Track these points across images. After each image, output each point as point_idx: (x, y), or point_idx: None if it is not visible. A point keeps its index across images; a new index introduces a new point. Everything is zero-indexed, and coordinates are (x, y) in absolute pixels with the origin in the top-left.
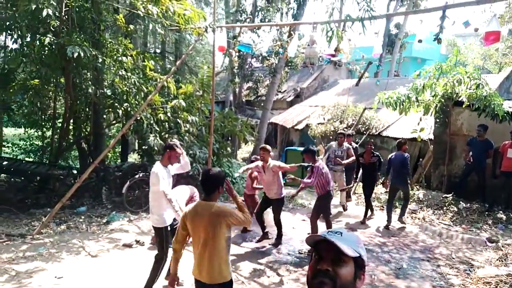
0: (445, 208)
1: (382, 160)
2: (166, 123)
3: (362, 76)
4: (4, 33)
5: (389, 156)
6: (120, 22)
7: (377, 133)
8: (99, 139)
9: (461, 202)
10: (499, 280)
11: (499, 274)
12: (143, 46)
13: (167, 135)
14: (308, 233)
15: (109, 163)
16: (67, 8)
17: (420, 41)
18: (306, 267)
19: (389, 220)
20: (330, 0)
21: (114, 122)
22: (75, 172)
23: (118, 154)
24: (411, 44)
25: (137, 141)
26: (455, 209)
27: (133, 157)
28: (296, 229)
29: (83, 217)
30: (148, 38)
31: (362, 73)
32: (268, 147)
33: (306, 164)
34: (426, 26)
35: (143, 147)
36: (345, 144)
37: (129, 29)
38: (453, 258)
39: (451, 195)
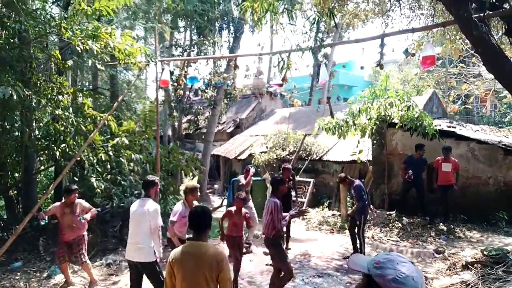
0: (390, 225)
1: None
2: (108, 163)
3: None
4: None
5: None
6: (56, 59)
7: (318, 158)
8: (29, 185)
9: (404, 218)
10: None
11: (453, 283)
12: (73, 82)
13: (109, 176)
14: (268, 264)
15: (42, 211)
16: None
17: (362, 67)
18: None
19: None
20: (264, 34)
21: (45, 167)
22: (3, 224)
23: (50, 200)
24: (338, 72)
25: (74, 185)
26: (400, 225)
27: None
28: (254, 261)
29: (19, 273)
30: (77, 74)
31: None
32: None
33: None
34: (351, 54)
35: (81, 190)
36: None
37: (66, 65)
38: None
39: (394, 212)
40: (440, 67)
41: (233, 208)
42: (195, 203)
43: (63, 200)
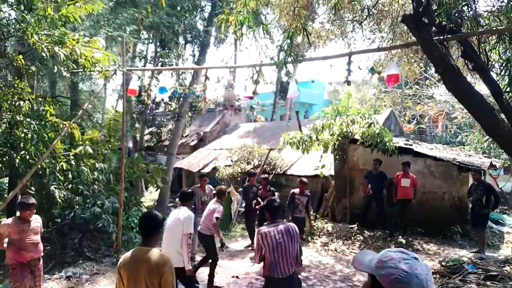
0: (352, 238)
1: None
2: (69, 172)
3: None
4: None
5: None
6: (20, 64)
7: (282, 172)
8: None
9: (365, 231)
10: None
11: None
12: (31, 89)
13: (70, 185)
14: (234, 276)
15: None
16: None
17: (330, 83)
18: None
19: None
20: (229, 49)
21: (4, 175)
22: None
23: (2, 212)
24: (300, 90)
25: (27, 194)
26: (362, 238)
27: None
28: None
29: None
30: (35, 81)
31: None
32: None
33: None
34: (311, 73)
35: (38, 200)
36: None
37: (29, 71)
38: None
39: (355, 225)
40: (396, 88)
41: None
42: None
43: (17, 215)
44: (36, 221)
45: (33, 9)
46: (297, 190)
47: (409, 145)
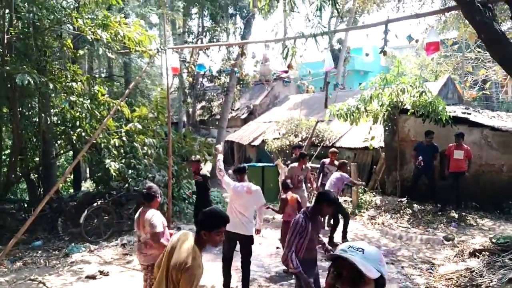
0: (401, 211)
1: None
2: (122, 148)
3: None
4: None
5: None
6: (68, 47)
7: (330, 144)
8: (49, 169)
9: (415, 204)
10: (459, 275)
11: (458, 270)
12: (89, 70)
13: (123, 160)
14: (278, 247)
15: (61, 194)
16: (9, 36)
17: (367, 54)
18: (281, 283)
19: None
20: (276, 19)
21: (63, 151)
22: (25, 205)
23: (70, 183)
24: (353, 57)
25: (88, 168)
26: (411, 211)
27: (85, 186)
28: (263, 244)
29: (39, 251)
30: (94, 62)
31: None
32: None
33: None
34: (368, 40)
35: (98, 174)
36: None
37: (77, 54)
38: (415, 259)
39: (405, 198)
40: (457, 52)
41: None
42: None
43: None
44: None
45: None
46: (327, 160)
47: (467, 114)
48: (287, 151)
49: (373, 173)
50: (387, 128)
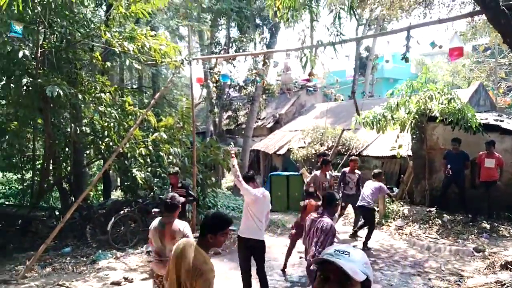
0: (430, 222)
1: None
2: (148, 157)
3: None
4: None
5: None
6: (97, 60)
7: (357, 153)
8: (80, 178)
9: (444, 214)
10: None
11: (488, 282)
12: (119, 81)
13: (149, 169)
14: (301, 257)
15: (91, 202)
16: (43, 49)
17: (387, 61)
18: None
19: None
20: (301, 27)
21: (94, 159)
22: (57, 213)
23: (100, 192)
24: (382, 65)
25: (119, 177)
26: (440, 222)
27: (115, 194)
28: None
29: (68, 257)
30: (125, 73)
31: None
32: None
33: None
34: (394, 46)
35: (126, 182)
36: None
37: (105, 66)
38: (443, 271)
39: (434, 208)
40: (490, 58)
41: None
42: None
43: None
44: None
45: (111, 7)
46: (347, 169)
47: (499, 121)
48: (313, 160)
49: (401, 182)
50: (414, 136)
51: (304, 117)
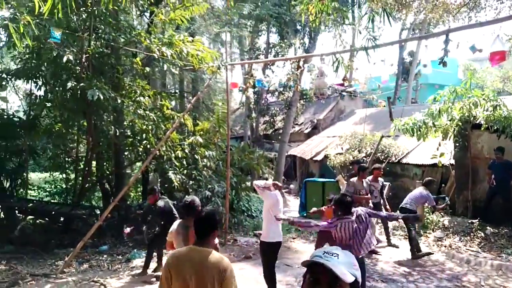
0: (472, 234)
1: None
2: (184, 160)
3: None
4: (29, 81)
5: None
6: (137, 65)
7: (396, 160)
8: (121, 178)
9: (488, 227)
10: None
11: None
12: (161, 86)
13: (185, 171)
14: None
15: (131, 202)
16: (87, 55)
17: (425, 65)
18: None
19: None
20: (337, 32)
21: (134, 160)
22: (97, 212)
23: (140, 193)
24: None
25: (159, 179)
26: (482, 234)
27: None
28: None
29: (105, 255)
30: (167, 78)
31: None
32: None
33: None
34: (428, 51)
35: (165, 184)
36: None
37: (145, 71)
38: (482, 286)
39: (477, 220)
40: None
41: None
42: None
43: None
44: None
45: (153, 14)
46: (370, 177)
47: None
48: (350, 167)
49: (442, 192)
50: (457, 144)
51: (343, 123)
